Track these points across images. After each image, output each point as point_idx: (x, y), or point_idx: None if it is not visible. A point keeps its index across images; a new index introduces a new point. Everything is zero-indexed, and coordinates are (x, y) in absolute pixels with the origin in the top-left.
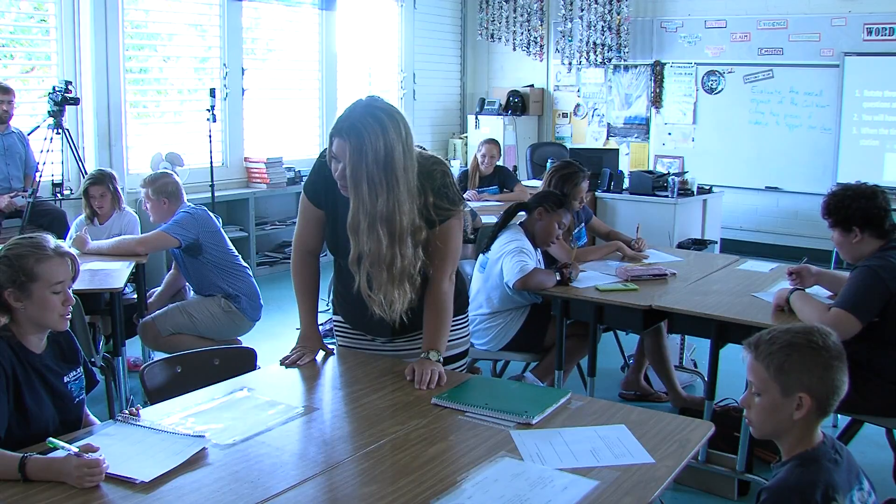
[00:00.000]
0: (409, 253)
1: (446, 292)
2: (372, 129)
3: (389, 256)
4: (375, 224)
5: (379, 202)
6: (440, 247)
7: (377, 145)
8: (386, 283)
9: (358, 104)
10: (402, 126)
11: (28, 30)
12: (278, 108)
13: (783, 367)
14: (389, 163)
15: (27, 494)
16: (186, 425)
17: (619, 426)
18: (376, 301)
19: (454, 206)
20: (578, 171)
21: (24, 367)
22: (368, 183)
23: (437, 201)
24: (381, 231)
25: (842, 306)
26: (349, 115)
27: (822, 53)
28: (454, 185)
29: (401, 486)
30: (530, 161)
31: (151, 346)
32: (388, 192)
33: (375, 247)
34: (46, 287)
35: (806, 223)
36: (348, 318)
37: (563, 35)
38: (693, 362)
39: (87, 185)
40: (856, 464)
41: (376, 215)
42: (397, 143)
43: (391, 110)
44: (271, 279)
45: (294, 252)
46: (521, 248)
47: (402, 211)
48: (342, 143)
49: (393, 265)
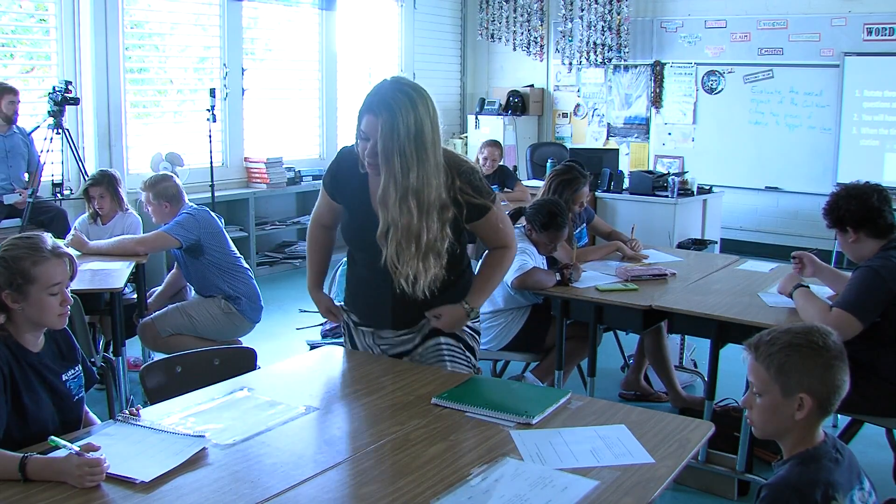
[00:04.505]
0: (435, 227)
1: (507, 256)
2: (403, 104)
3: (418, 228)
4: (407, 196)
5: (410, 176)
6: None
7: (408, 120)
8: (414, 256)
9: (384, 83)
10: (430, 102)
11: (28, 29)
12: (278, 108)
13: (784, 367)
14: (420, 137)
15: (28, 494)
16: (186, 425)
17: (619, 426)
18: (402, 273)
19: (482, 196)
20: (579, 177)
21: (22, 366)
22: (400, 156)
23: (463, 186)
24: (412, 203)
25: (843, 307)
26: (378, 92)
27: (822, 53)
28: (482, 181)
29: (401, 487)
30: (530, 161)
31: (151, 346)
32: (419, 165)
33: (406, 219)
34: (43, 289)
35: (806, 223)
36: (359, 308)
37: (563, 35)
38: (693, 362)
39: (87, 186)
40: (857, 464)
41: (408, 188)
42: (426, 119)
43: (418, 87)
44: (271, 279)
45: (310, 225)
46: (522, 249)
47: (431, 184)
48: (374, 120)
49: (420, 237)
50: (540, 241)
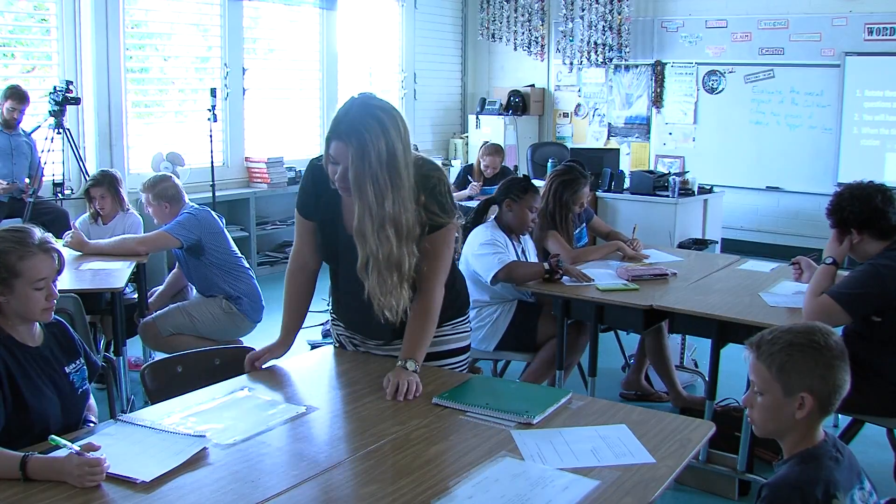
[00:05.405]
0: (412, 253)
1: (436, 300)
2: (373, 129)
3: (398, 256)
4: (384, 226)
5: (386, 204)
6: (431, 254)
7: (379, 146)
8: (395, 286)
9: (353, 104)
10: (401, 123)
11: (29, 29)
12: (279, 108)
13: (785, 367)
14: (393, 162)
15: (28, 494)
16: (187, 425)
17: (620, 426)
18: (386, 304)
19: (446, 214)
20: (580, 177)
21: (19, 361)
22: (373, 185)
23: (429, 203)
24: (390, 232)
25: (832, 295)
26: (346, 117)
27: (822, 53)
28: (448, 196)
29: (401, 486)
30: (531, 161)
31: (152, 346)
32: (394, 192)
33: (387, 249)
34: (29, 283)
35: (807, 223)
36: (349, 323)
37: (563, 35)
38: (694, 362)
39: (88, 187)
40: (857, 463)
41: (384, 217)
42: (398, 142)
43: (388, 108)
44: (272, 279)
45: (290, 264)
46: (493, 241)
47: (407, 209)
48: (343, 147)
49: (402, 265)
50: (522, 212)
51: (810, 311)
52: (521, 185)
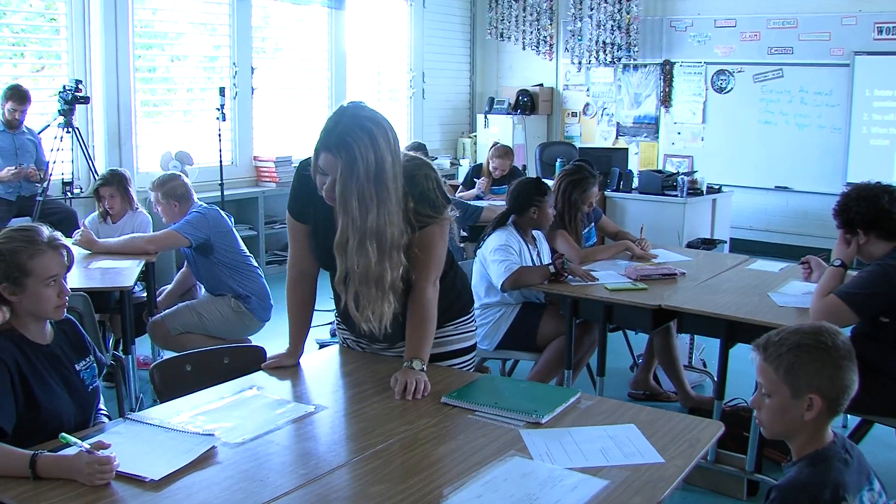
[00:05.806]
0: (397, 265)
1: (430, 299)
2: (362, 141)
3: (378, 272)
4: (365, 240)
5: (369, 218)
6: (423, 250)
7: (368, 158)
8: (374, 300)
9: (343, 114)
10: (391, 134)
11: (39, 29)
12: (288, 107)
13: (793, 368)
14: (381, 175)
15: (38, 492)
16: (196, 424)
17: (629, 426)
18: (363, 319)
19: (437, 212)
20: (588, 177)
21: (30, 360)
22: (359, 199)
23: (419, 207)
24: (371, 247)
25: (840, 295)
26: (336, 128)
27: (832, 53)
28: (439, 190)
29: (410, 486)
30: (539, 160)
31: (161, 344)
32: (379, 205)
33: (364, 263)
34: (40, 281)
35: (815, 223)
36: (353, 328)
37: (572, 34)
38: (702, 362)
39: (98, 186)
40: (867, 464)
41: (366, 231)
42: (387, 154)
43: (378, 118)
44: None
45: (289, 272)
46: (505, 246)
47: (392, 223)
48: (331, 159)
49: (382, 279)
50: (545, 212)
51: (818, 311)
52: (539, 189)
